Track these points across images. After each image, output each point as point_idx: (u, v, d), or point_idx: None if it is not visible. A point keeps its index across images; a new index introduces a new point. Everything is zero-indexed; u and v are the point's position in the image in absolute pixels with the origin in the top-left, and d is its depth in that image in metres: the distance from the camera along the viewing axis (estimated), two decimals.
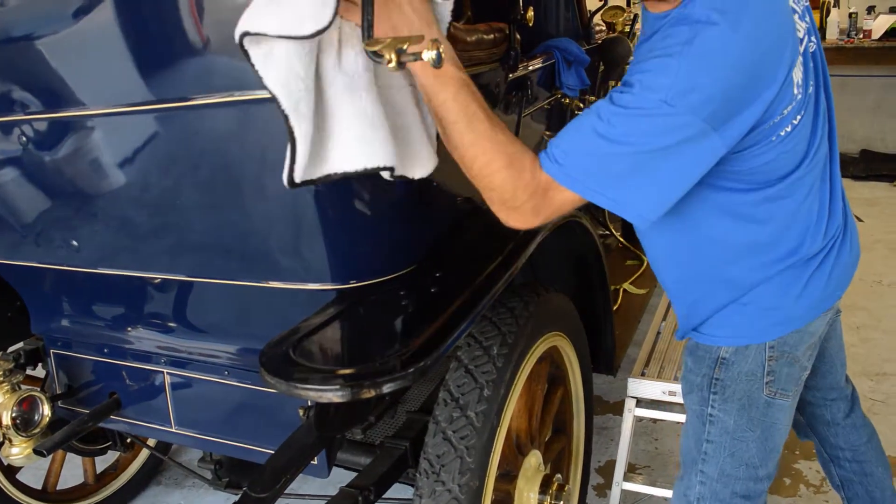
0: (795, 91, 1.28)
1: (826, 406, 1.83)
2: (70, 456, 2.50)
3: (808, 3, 1.44)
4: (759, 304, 1.45)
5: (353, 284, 1.49)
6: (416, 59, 1.12)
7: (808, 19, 1.40)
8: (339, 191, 1.44)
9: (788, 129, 1.31)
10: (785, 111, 1.27)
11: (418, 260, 1.59)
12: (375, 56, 1.11)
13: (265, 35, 1.10)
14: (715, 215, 1.40)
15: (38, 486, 2.49)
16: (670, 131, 1.17)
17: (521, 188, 1.24)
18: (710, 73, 1.16)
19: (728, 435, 1.51)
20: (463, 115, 1.21)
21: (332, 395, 1.16)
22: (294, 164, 1.17)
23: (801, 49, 1.32)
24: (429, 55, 1.11)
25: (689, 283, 1.53)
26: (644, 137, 1.18)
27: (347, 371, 1.21)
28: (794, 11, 1.34)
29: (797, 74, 1.29)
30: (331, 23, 1.08)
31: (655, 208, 1.26)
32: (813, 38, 1.41)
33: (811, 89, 1.37)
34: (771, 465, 1.55)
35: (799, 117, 1.32)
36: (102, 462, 2.69)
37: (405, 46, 1.11)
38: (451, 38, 1.46)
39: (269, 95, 1.30)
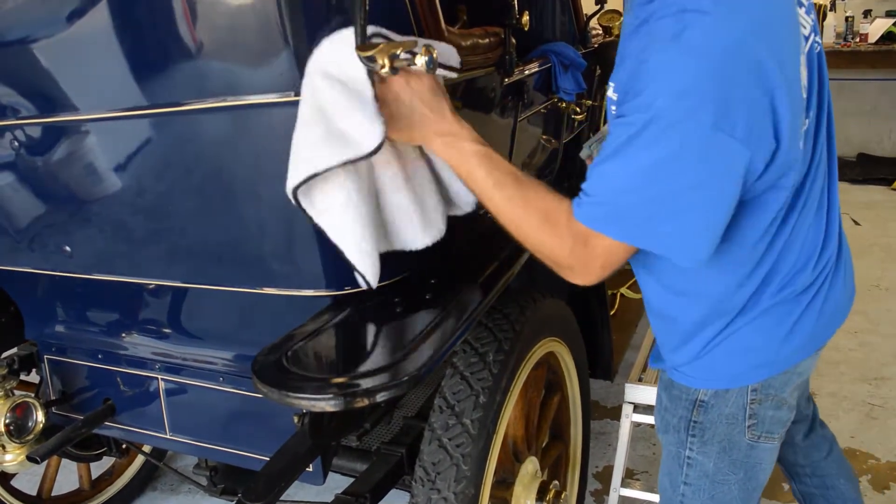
0: (803, 93, 1.14)
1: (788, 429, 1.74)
2: (65, 461, 2.49)
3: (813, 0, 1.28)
4: (742, 346, 1.31)
5: (347, 291, 1.48)
6: (409, 64, 1.12)
7: (812, 16, 1.24)
8: None
9: (802, 136, 1.16)
10: (798, 118, 1.13)
11: (413, 266, 1.58)
12: (369, 61, 1.10)
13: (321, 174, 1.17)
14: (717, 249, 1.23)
15: (34, 493, 2.47)
16: (682, 148, 1.03)
17: (557, 244, 1.18)
18: (705, 70, 1.01)
19: (707, 478, 1.41)
20: (488, 185, 1.21)
21: (325, 404, 1.15)
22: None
23: (806, 48, 1.18)
24: (422, 60, 1.11)
25: (681, 326, 1.38)
26: (661, 164, 1.05)
27: (341, 379, 1.19)
28: (801, 4, 1.19)
29: (803, 74, 1.14)
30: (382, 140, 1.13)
31: (704, 246, 1.12)
32: (817, 38, 1.26)
33: (815, 93, 1.22)
34: (753, 502, 1.46)
35: (806, 122, 1.18)
36: (98, 468, 2.68)
37: (398, 52, 1.10)
38: (447, 42, 1.46)
39: (262, 101, 1.31)
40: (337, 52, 1.16)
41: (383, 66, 1.09)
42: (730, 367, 1.34)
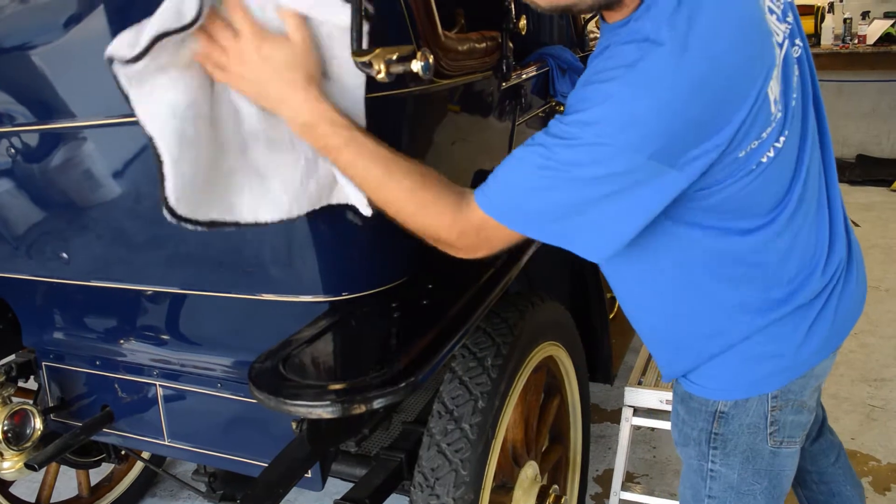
0: (773, 109, 1.12)
1: None
2: (64, 468, 2.48)
3: (790, 1, 1.25)
4: (756, 353, 1.30)
5: (345, 296, 1.47)
6: (405, 70, 1.12)
7: (790, 20, 1.22)
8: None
9: (771, 155, 1.15)
10: (763, 134, 1.11)
11: (411, 271, 1.57)
12: (365, 67, 1.10)
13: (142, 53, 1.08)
14: (694, 258, 1.25)
15: (32, 500, 2.47)
16: (611, 171, 1.04)
17: (444, 230, 1.19)
18: (654, 104, 1.01)
19: (732, 490, 1.38)
20: (353, 174, 1.20)
21: (323, 411, 1.14)
22: (165, 191, 1.19)
23: (781, 55, 1.16)
24: (418, 65, 1.11)
25: (669, 332, 1.37)
26: (582, 175, 1.06)
27: (338, 386, 1.19)
28: (772, 12, 1.17)
29: (774, 89, 1.12)
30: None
31: (602, 249, 1.14)
32: (798, 42, 1.24)
33: (794, 102, 1.19)
34: None
35: (783, 139, 1.16)
36: (97, 474, 2.67)
37: (394, 57, 1.10)
38: (444, 47, 1.46)
39: None
40: None
41: (379, 72, 1.09)
42: (748, 376, 1.32)
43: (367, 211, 1.28)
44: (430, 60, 1.11)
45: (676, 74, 1.01)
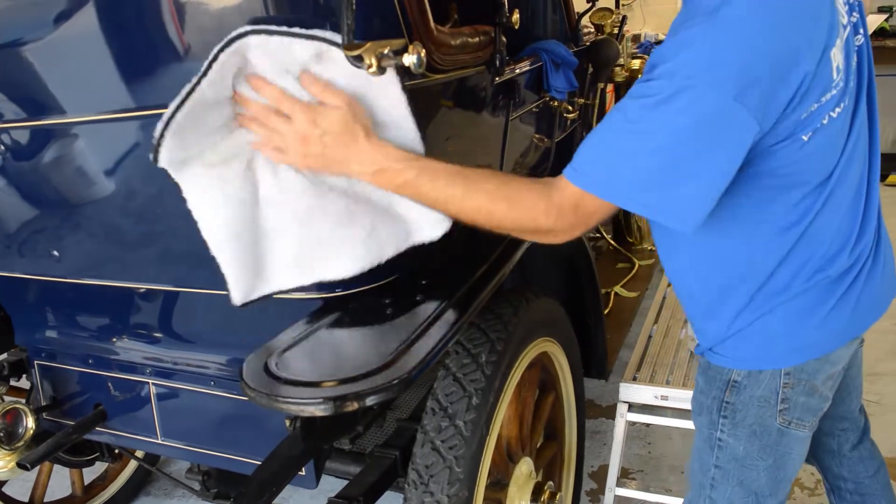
0: (835, 76, 1.16)
1: (834, 435, 1.72)
2: (58, 467, 2.47)
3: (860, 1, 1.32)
4: (777, 329, 1.33)
5: (338, 293, 1.47)
6: (396, 64, 1.11)
7: (857, 13, 1.29)
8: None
9: (825, 122, 1.18)
10: (823, 98, 1.15)
11: (404, 267, 1.57)
12: (356, 61, 1.09)
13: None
14: (737, 224, 1.28)
15: (25, 499, 2.45)
16: (698, 113, 1.06)
17: (540, 218, 1.20)
18: (737, 45, 1.06)
19: (737, 462, 1.42)
20: (439, 194, 1.23)
21: (315, 409, 1.13)
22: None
23: (844, 36, 1.21)
24: (409, 59, 1.10)
25: (704, 299, 1.41)
26: (672, 125, 1.07)
27: (330, 384, 1.18)
28: (846, 3, 1.24)
29: (837, 58, 1.16)
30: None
31: (697, 208, 1.13)
32: (861, 32, 1.30)
33: (852, 83, 1.25)
34: (782, 494, 1.46)
35: (838, 110, 1.20)
36: (91, 473, 2.66)
37: (386, 51, 1.09)
38: (436, 41, 1.45)
39: None
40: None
41: (370, 66, 1.08)
42: (764, 349, 1.35)
43: (439, 232, 1.35)
44: (422, 55, 1.10)
45: (754, 18, 1.06)
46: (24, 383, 2.22)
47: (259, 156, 1.26)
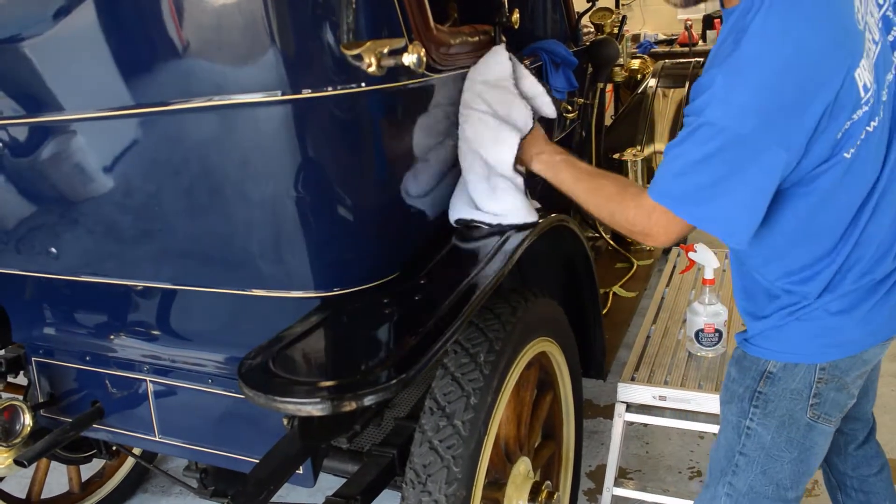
0: (863, 94, 1.23)
1: (843, 434, 1.76)
2: (55, 464, 2.47)
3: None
4: (817, 324, 1.39)
5: (336, 292, 1.46)
6: (396, 63, 1.11)
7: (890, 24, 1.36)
8: (323, 198, 1.42)
9: (863, 137, 1.26)
10: (855, 115, 1.23)
11: (403, 267, 1.57)
12: (355, 60, 1.09)
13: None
14: (787, 234, 1.36)
15: (23, 496, 2.45)
16: (721, 147, 1.19)
17: (630, 219, 1.40)
18: (750, 85, 1.17)
19: (763, 451, 1.46)
20: (574, 182, 1.57)
21: (312, 408, 1.13)
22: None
23: (876, 50, 1.29)
24: (409, 59, 1.10)
25: (751, 293, 1.48)
26: (700, 156, 1.21)
27: (328, 383, 1.18)
28: (872, 14, 1.31)
29: (864, 77, 1.24)
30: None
31: (742, 228, 1.26)
32: None
33: (885, 96, 1.32)
34: (801, 488, 1.49)
35: (874, 123, 1.28)
36: (88, 470, 2.66)
37: (386, 50, 1.09)
38: (436, 41, 1.45)
39: (248, 100, 1.30)
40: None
41: (370, 65, 1.08)
42: (803, 343, 1.40)
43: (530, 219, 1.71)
44: (422, 54, 1.10)
45: (767, 57, 1.16)
46: (21, 380, 2.22)
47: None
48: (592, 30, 3.00)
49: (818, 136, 1.21)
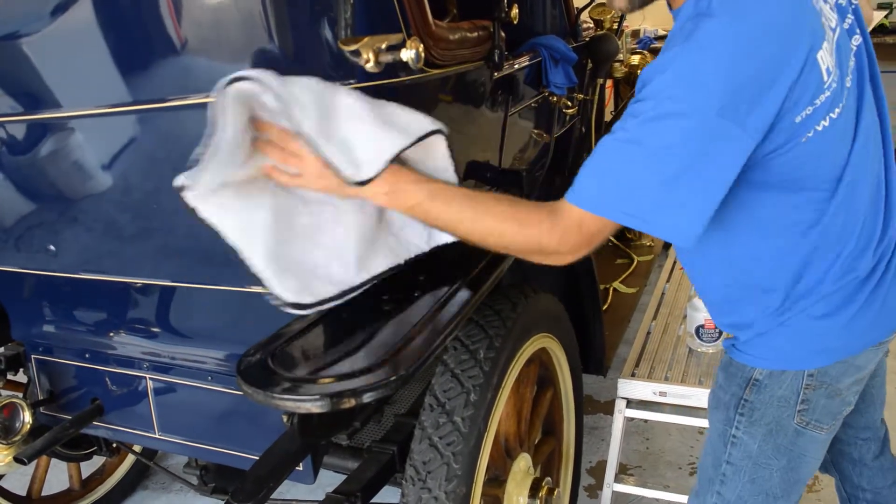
0: (825, 78, 1.17)
1: (856, 445, 1.72)
2: (55, 461, 2.47)
3: (855, 5, 1.34)
4: (801, 329, 1.33)
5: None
6: (394, 59, 1.10)
7: (852, 16, 1.31)
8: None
9: (826, 124, 1.19)
10: (816, 101, 1.17)
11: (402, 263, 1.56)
12: (353, 55, 1.09)
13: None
14: (755, 229, 1.30)
15: (23, 493, 2.46)
16: (686, 133, 1.10)
17: (544, 238, 1.23)
18: (713, 64, 1.09)
19: (750, 459, 1.42)
20: (450, 217, 1.27)
21: (311, 405, 1.13)
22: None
23: (834, 38, 1.23)
24: (407, 54, 1.09)
25: (727, 302, 1.42)
26: (661, 144, 1.11)
27: (327, 380, 1.18)
28: (826, 1, 1.25)
29: (826, 59, 1.18)
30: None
31: (693, 222, 1.15)
32: (858, 33, 1.32)
33: (850, 83, 1.26)
34: (794, 497, 1.46)
35: (837, 111, 1.22)
36: (89, 467, 2.66)
37: (384, 46, 1.08)
38: (434, 36, 1.44)
39: None
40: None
41: (368, 61, 1.08)
42: (789, 349, 1.35)
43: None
44: (420, 50, 1.10)
45: (729, 37, 1.09)
46: (21, 377, 2.22)
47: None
48: (592, 25, 2.99)
49: (779, 120, 1.14)
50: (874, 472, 1.74)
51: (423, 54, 1.13)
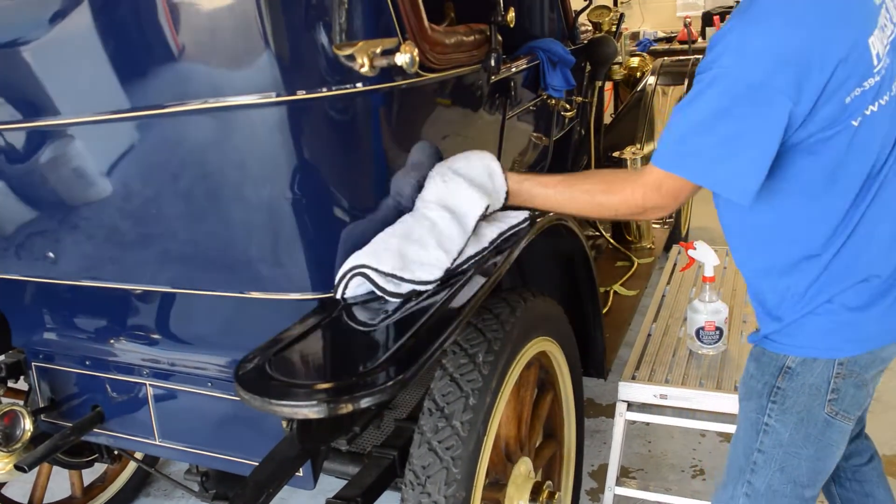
0: (875, 62, 1.25)
1: None
2: (58, 468, 2.47)
3: None
4: (835, 319, 1.38)
5: (334, 294, 1.46)
6: (389, 63, 1.10)
7: None
8: (320, 199, 1.41)
9: (874, 109, 1.27)
10: (865, 84, 1.25)
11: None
12: (348, 60, 1.09)
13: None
14: (799, 219, 1.37)
15: (25, 500, 2.45)
16: (732, 95, 1.22)
17: (630, 199, 1.42)
18: (763, 35, 1.20)
19: (781, 448, 1.45)
20: (552, 201, 1.60)
21: (309, 410, 1.13)
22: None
23: (890, 32, 1.30)
24: (402, 58, 1.09)
25: (766, 289, 1.47)
26: (714, 107, 1.23)
27: (324, 386, 1.17)
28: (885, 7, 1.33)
29: (877, 46, 1.26)
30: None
31: (748, 179, 1.26)
32: None
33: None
34: (818, 487, 1.49)
35: (880, 102, 1.29)
36: (90, 474, 2.66)
37: (378, 50, 1.08)
38: (430, 40, 1.44)
39: (243, 102, 1.30)
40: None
41: (363, 65, 1.08)
42: (821, 338, 1.40)
43: None
44: (415, 54, 1.10)
45: (779, 10, 1.21)
46: (21, 385, 2.22)
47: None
48: (590, 28, 2.99)
49: (828, 97, 1.22)
50: (850, 453, 1.79)
51: (417, 58, 1.13)
